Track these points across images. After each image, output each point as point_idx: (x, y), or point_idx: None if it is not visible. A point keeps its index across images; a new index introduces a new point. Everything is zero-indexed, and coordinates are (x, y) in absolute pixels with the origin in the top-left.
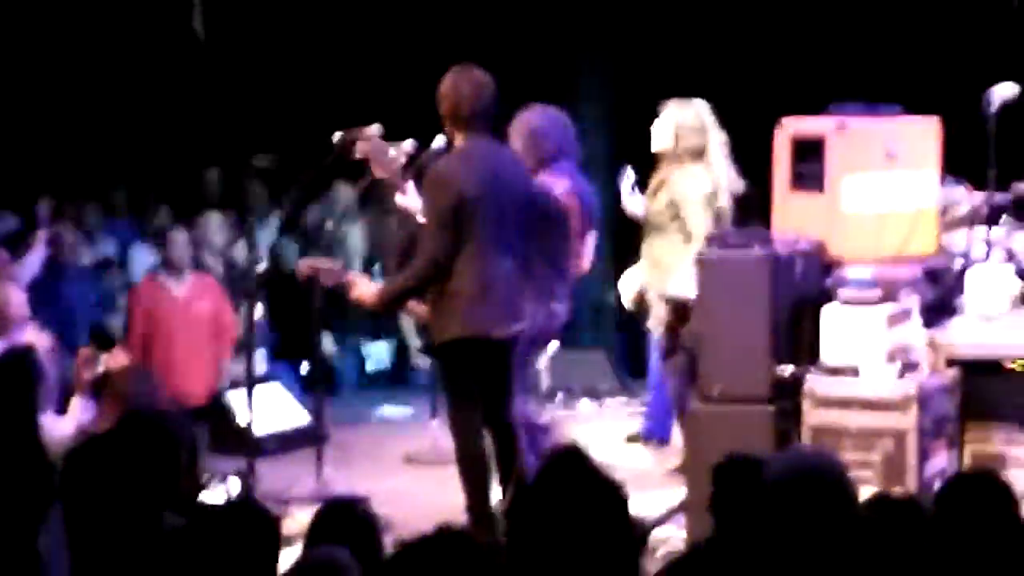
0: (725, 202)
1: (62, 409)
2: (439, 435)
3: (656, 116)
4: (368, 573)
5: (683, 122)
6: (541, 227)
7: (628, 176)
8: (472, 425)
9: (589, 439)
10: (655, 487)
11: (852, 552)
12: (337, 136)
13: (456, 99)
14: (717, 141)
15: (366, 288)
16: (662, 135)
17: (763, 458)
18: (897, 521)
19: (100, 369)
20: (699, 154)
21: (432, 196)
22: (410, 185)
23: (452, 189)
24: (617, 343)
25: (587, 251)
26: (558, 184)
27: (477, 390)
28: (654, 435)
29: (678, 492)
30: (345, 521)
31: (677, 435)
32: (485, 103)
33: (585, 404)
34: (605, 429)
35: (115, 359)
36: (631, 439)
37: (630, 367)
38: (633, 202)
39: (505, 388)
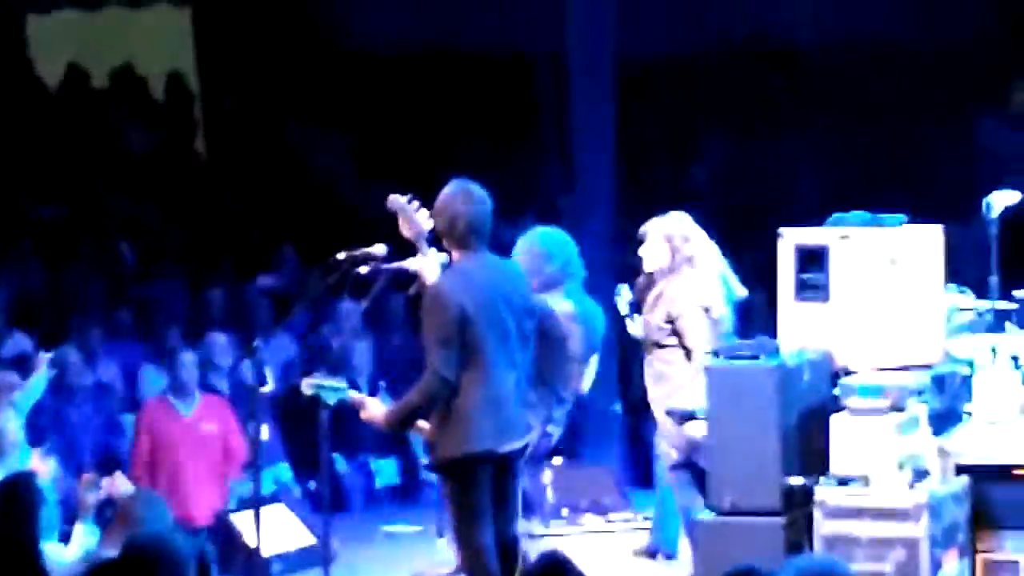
0: (722, 309)
1: (67, 533)
2: (446, 553)
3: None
4: None
5: (672, 233)
6: (541, 348)
7: (624, 296)
8: (480, 542)
9: (595, 554)
10: None
11: None
12: (342, 255)
13: (452, 216)
14: (706, 249)
15: (375, 408)
16: (655, 253)
17: (766, 571)
18: None
19: (103, 493)
20: (691, 262)
21: (433, 314)
22: (432, 250)
23: (453, 306)
24: (622, 455)
25: (588, 373)
26: (561, 307)
27: (485, 506)
28: (661, 549)
29: None
30: None
31: (684, 548)
32: (481, 219)
33: (590, 519)
34: (611, 544)
35: (117, 483)
36: (638, 554)
37: (636, 479)
38: (631, 324)
39: (509, 502)
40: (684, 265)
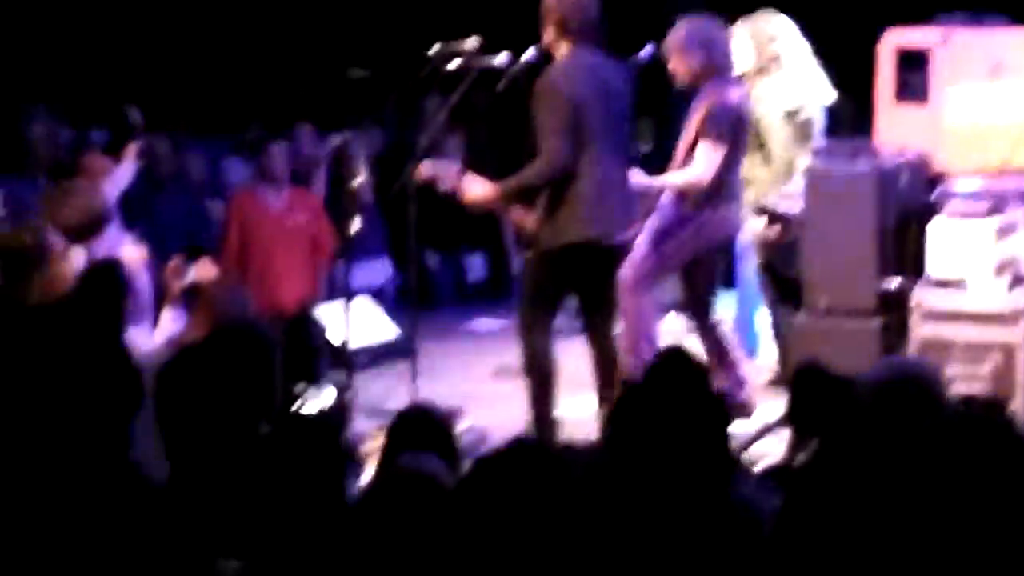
0: (813, 111)
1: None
2: None
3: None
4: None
5: (758, 33)
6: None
7: None
8: (545, 331)
9: None
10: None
11: (940, 456)
12: (435, 49)
13: (564, 10)
14: (795, 49)
15: (480, 188)
16: (743, 54)
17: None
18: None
19: (189, 279)
20: (778, 61)
21: (546, 103)
22: (469, 179)
23: (564, 95)
24: None
25: None
26: (734, 93)
27: (561, 299)
28: (741, 347)
29: (773, 407)
30: (422, 427)
31: (765, 347)
32: (592, 15)
33: (671, 319)
34: (691, 343)
35: (204, 270)
36: None
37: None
38: None
39: (607, 297)
40: (771, 65)
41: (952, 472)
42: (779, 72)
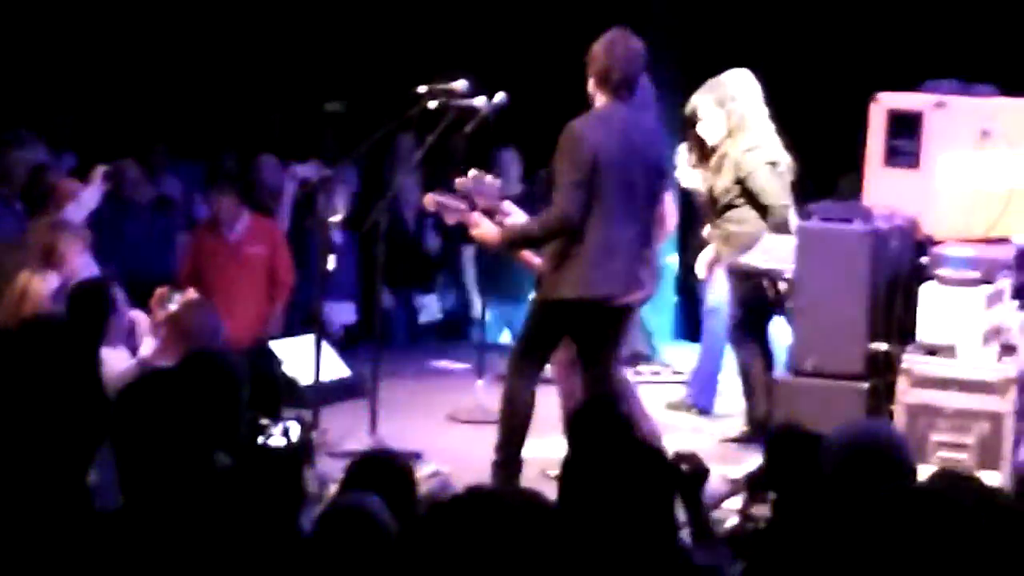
0: (787, 160)
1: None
2: (483, 395)
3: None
4: (402, 524)
5: (720, 96)
6: None
7: (682, 152)
8: (530, 376)
9: None
10: (713, 459)
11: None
12: (423, 88)
13: (609, 62)
14: (756, 106)
15: (488, 228)
16: (711, 124)
17: (817, 432)
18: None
19: (173, 308)
20: (745, 118)
21: (569, 153)
22: (517, 210)
23: (589, 149)
24: (676, 307)
25: (670, 211)
26: None
27: (553, 349)
28: (697, 404)
29: (743, 464)
30: (381, 472)
31: (720, 405)
32: (635, 71)
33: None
34: (644, 396)
35: (188, 298)
36: (672, 407)
37: (685, 334)
38: (689, 177)
39: (608, 355)
40: (741, 122)
41: (902, 547)
42: (750, 127)
